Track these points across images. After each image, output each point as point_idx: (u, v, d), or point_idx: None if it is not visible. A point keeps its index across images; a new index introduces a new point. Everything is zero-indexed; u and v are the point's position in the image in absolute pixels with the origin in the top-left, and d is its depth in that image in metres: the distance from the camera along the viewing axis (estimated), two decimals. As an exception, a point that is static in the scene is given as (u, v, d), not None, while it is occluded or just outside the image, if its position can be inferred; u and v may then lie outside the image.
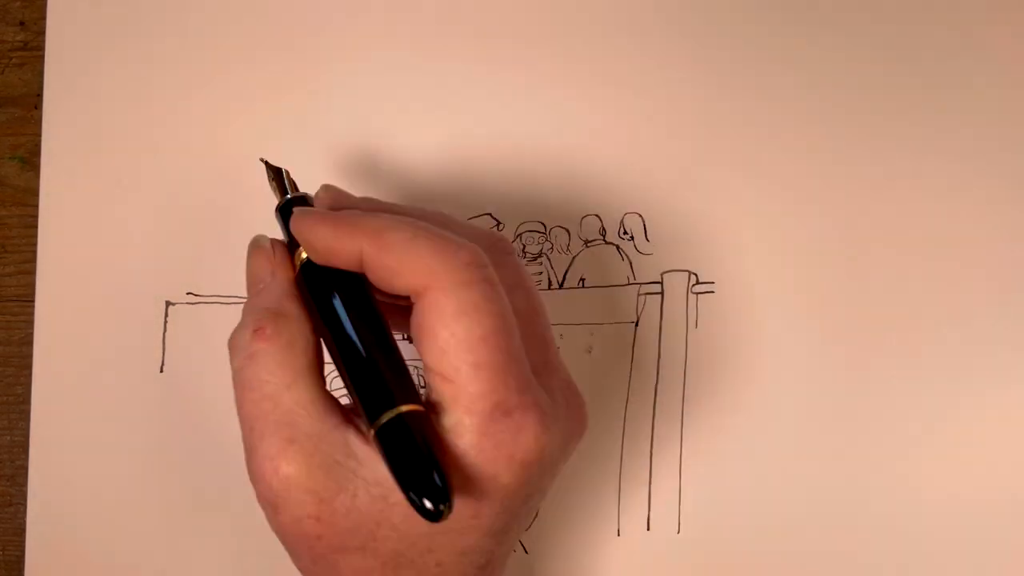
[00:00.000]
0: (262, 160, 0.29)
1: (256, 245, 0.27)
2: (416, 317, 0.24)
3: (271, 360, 0.24)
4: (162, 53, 0.36)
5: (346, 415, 0.25)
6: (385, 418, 0.23)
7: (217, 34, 0.36)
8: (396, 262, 0.24)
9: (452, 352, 0.23)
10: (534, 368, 0.25)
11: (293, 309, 0.26)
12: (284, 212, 0.27)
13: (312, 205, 0.28)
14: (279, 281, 0.26)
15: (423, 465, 0.22)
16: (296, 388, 0.24)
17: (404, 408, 0.23)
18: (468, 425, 0.23)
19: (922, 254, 0.34)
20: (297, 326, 0.25)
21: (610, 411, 0.35)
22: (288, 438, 0.24)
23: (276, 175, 0.28)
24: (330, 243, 0.25)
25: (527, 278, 0.27)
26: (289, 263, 0.27)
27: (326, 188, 0.28)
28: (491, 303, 0.23)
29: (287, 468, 0.24)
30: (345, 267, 0.25)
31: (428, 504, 0.21)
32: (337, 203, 0.27)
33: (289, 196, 0.28)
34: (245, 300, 0.27)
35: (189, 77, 0.36)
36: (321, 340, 0.26)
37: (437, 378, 0.24)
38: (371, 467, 0.24)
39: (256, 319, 0.25)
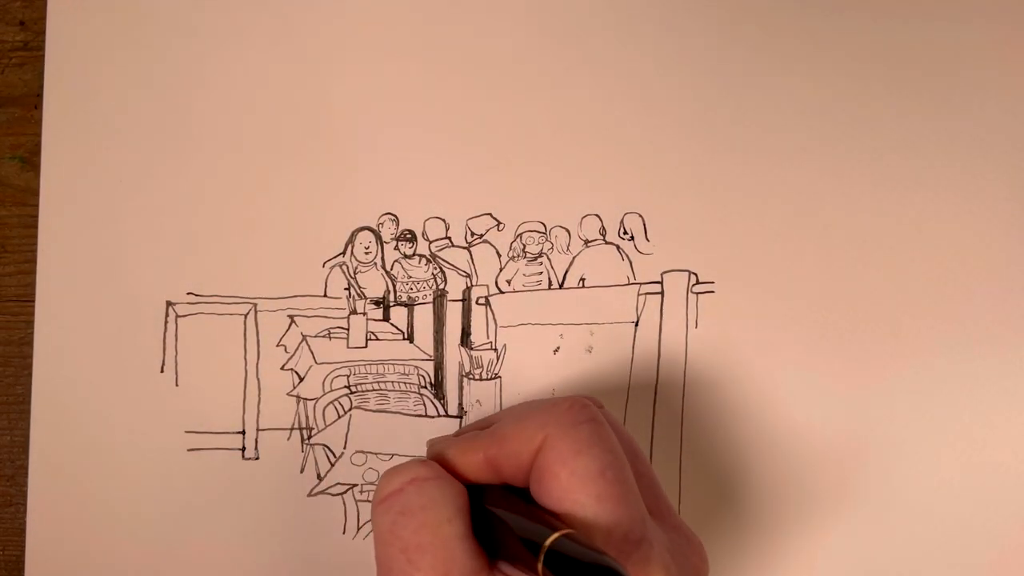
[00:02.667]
0: None
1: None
2: (536, 469, 0.25)
3: (435, 489, 0.25)
4: (162, 53, 0.36)
5: (488, 561, 0.25)
6: (548, 541, 0.23)
7: (217, 33, 0.36)
8: (514, 439, 0.26)
9: (576, 488, 0.24)
10: (648, 509, 0.26)
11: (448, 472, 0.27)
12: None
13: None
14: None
15: (599, 564, 0.22)
16: (455, 523, 0.25)
17: (564, 530, 0.23)
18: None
19: (922, 253, 0.34)
20: (452, 479, 0.27)
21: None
22: (445, 573, 0.24)
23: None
24: (458, 459, 0.27)
25: (620, 426, 0.29)
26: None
27: (429, 442, 0.30)
28: (603, 440, 0.25)
29: None
30: (479, 475, 0.27)
31: None
32: (443, 442, 0.29)
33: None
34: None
35: (189, 76, 0.36)
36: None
37: (564, 518, 0.24)
38: None
39: (419, 462, 0.27)
